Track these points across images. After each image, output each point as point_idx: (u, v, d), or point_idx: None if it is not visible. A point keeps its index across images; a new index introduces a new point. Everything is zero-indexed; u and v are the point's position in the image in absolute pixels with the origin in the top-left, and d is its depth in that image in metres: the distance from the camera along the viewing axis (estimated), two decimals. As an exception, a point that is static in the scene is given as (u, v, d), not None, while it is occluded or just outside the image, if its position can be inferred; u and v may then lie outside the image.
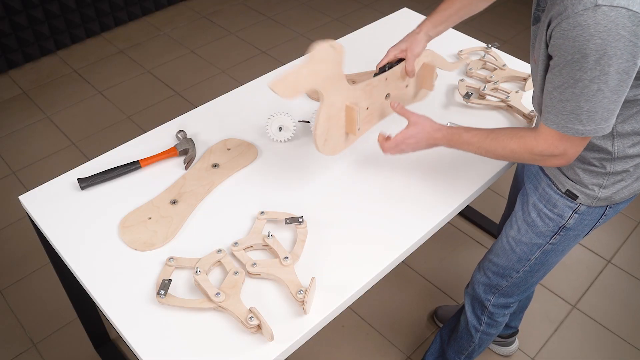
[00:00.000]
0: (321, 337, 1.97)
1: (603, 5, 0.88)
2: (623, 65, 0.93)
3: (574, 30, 0.92)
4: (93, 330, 1.87)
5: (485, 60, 1.86)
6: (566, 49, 0.95)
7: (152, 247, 1.30)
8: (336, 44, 1.23)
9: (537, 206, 1.30)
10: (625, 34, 0.89)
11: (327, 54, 1.22)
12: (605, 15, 0.88)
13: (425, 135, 1.29)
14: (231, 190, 1.44)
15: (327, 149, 1.36)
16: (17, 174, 2.63)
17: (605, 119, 1.00)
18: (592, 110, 0.99)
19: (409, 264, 2.23)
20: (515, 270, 1.41)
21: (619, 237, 2.35)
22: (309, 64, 1.20)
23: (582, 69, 0.95)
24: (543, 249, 1.34)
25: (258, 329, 1.12)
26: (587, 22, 0.90)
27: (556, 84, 1.01)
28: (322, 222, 1.35)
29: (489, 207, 2.45)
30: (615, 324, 2.05)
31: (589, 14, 0.89)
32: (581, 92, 0.97)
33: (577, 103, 0.99)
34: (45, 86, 3.17)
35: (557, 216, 1.27)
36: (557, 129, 1.05)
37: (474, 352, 1.66)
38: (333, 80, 1.26)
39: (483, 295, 1.52)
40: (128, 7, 3.64)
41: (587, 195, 1.20)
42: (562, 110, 1.02)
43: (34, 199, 1.42)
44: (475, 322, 1.58)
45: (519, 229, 1.36)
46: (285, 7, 3.89)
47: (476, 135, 1.22)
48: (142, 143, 1.59)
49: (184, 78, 3.23)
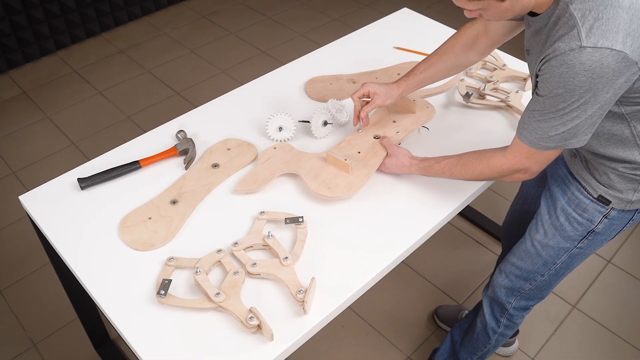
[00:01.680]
0: (321, 337, 1.97)
1: (588, 47, 0.94)
2: (603, 97, 0.99)
3: (560, 67, 0.98)
4: (93, 330, 1.87)
5: (485, 60, 1.86)
6: (553, 84, 1.01)
7: (152, 247, 1.30)
8: (277, 145, 1.52)
9: (566, 210, 1.30)
10: (609, 72, 0.95)
11: (271, 151, 1.50)
12: (590, 56, 0.94)
13: (400, 166, 1.42)
14: (231, 190, 1.44)
15: (339, 193, 1.38)
16: (17, 174, 2.63)
17: (575, 136, 1.07)
18: (566, 132, 1.06)
19: (409, 264, 2.23)
20: (540, 273, 1.41)
21: (619, 237, 2.35)
22: (259, 162, 1.47)
23: (565, 101, 1.01)
24: (570, 252, 1.34)
25: (258, 329, 1.12)
26: (572, 62, 0.96)
27: (538, 108, 1.08)
28: (322, 222, 1.35)
29: (489, 207, 2.45)
30: (615, 324, 2.05)
31: (574, 54, 0.95)
32: (560, 118, 1.04)
33: (554, 125, 1.06)
34: (45, 86, 3.17)
35: (586, 221, 1.27)
36: (529, 144, 1.13)
37: (487, 353, 1.66)
38: (296, 159, 1.47)
39: (504, 298, 1.51)
40: (128, 7, 3.64)
41: (621, 199, 1.21)
42: (536, 129, 1.10)
43: (34, 199, 1.42)
44: (494, 324, 1.57)
45: (545, 232, 1.35)
46: (285, 7, 3.89)
47: (447, 164, 1.32)
48: (142, 143, 1.59)
49: (184, 78, 3.23)
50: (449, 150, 1.53)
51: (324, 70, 1.87)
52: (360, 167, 1.44)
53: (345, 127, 1.63)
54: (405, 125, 1.56)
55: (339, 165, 1.43)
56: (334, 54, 1.95)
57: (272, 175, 1.43)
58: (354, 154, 1.48)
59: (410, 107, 1.60)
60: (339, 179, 1.42)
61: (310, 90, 1.77)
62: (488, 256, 2.27)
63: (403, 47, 1.97)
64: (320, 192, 1.38)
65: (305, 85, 1.79)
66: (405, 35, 2.02)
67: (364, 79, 1.82)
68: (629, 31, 0.94)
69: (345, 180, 1.41)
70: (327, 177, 1.42)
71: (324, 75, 1.84)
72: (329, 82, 1.80)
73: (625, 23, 0.94)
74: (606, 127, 1.13)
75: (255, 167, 1.46)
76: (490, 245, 2.31)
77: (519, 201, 1.73)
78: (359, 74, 1.84)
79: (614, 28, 0.93)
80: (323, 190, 1.38)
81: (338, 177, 1.42)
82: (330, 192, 1.38)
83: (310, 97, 1.75)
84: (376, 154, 1.47)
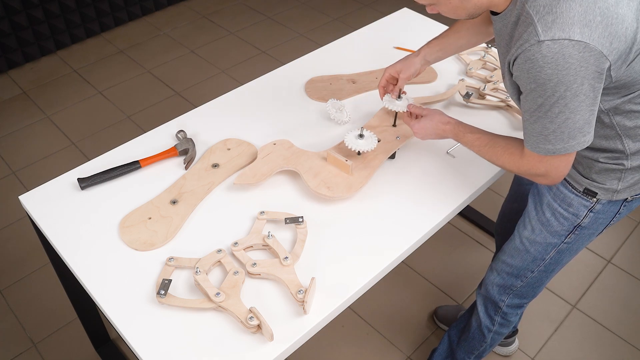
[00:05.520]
0: (321, 337, 1.97)
1: (546, 40, 0.97)
2: (579, 89, 1.00)
3: (525, 64, 1.01)
4: (93, 330, 1.87)
5: (485, 60, 1.86)
6: (524, 79, 1.04)
7: (152, 247, 1.30)
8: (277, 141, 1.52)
9: (552, 205, 1.31)
10: (574, 62, 0.97)
11: (271, 147, 1.50)
12: (549, 49, 0.97)
13: (434, 125, 1.36)
14: (231, 190, 1.44)
15: (338, 193, 1.38)
16: (17, 174, 2.63)
17: (573, 137, 1.06)
18: (557, 130, 1.06)
19: (409, 264, 2.23)
20: (530, 270, 1.42)
21: (619, 237, 2.35)
22: (259, 157, 1.47)
23: (541, 95, 1.02)
24: (558, 248, 1.35)
25: (258, 329, 1.12)
26: (535, 56, 0.99)
27: (525, 108, 1.10)
28: (322, 222, 1.35)
29: (489, 207, 2.45)
30: (615, 324, 2.05)
31: (535, 48, 0.98)
32: (545, 115, 1.05)
33: (543, 124, 1.07)
34: (45, 86, 3.17)
35: (572, 215, 1.28)
36: (531, 149, 1.13)
37: (484, 351, 1.67)
38: (296, 156, 1.47)
39: (497, 296, 1.52)
40: (128, 7, 3.64)
41: (607, 190, 1.22)
42: (532, 132, 1.10)
43: (34, 199, 1.42)
44: (488, 322, 1.58)
45: (532, 229, 1.36)
46: (285, 7, 3.89)
47: (478, 139, 1.28)
48: (142, 143, 1.59)
49: (184, 78, 3.23)
50: (448, 149, 1.53)
51: (324, 70, 1.87)
52: (361, 168, 1.44)
53: (345, 127, 1.63)
54: (405, 130, 1.56)
55: (339, 165, 1.43)
56: (334, 54, 1.95)
57: (271, 171, 1.43)
58: (354, 154, 1.48)
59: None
60: (339, 179, 1.41)
61: (310, 90, 1.77)
62: (488, 256, 2.27)
63: (403, 47, 1.97)
64: (320, 191, 1.38)
65: (305, 85, 1.79)
66: (405, 35, 2.03)
67: (364, 79, 1.82)
68: (585, 22, 0.96)
69: (345, 181, 1.41)
70: (327, 176, 1.42)
71: (324, 75, 1.84)
72: (329, 82, 1.80)
73: (579, 15, 0.96)
74: None
75: (254, 162, 1.46)
76: (490, 244, 2.31)
77: (509, 199, 1.74)
78: (359, 74, 1.84)
79: (569, 20, 0.96)
80: (322, 190, 1.38)
81: (338, 177, 1.42)
82: (329, 192, 1.38)
83: (310, 97, 1.75)
84: (377, 156, 1.47)
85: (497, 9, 1.10)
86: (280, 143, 1.51)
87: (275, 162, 1.46)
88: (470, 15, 1.12)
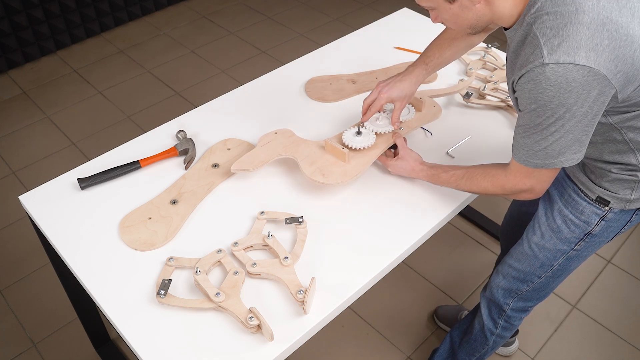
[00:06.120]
0: (321, 337, 1.97)
1: (550, 63, 0.97)
2: (579, 110, 1.00)
3: (528, 84, 1.02)
4: (93, 330, 1.87)
5: (485, 60, 1.86)
6: (526, 99, 1.04)
7: (152, 247, 1.30)
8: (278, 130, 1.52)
9: (563, 212, 1.30)
10: (577, 86, 0.97)
11: (272, 135, 1.51)
12: (553, 72, 0.97)
13: (409, 170, 1.43)
14: (231, 190, 1.44)
15: (333, 180, 1.37)
16: (17, 174, 2.63)
17: (563, 153, 1.08)
18: (549, 147, 1.07)
19: (409, 264, 2.23)
20: (537, 275, 1.41)
21: (619, 237, 2.35)
22: (259, 144, 1.48)
23: (540, 116, 1.04)
24: (567, 255, 1.34)
25: (258, 329, 1.12)
26: (538, 78, 0.99)
27: (520, 123, 1.11)
28: (322, 222, 1.35)
29: (489, 207, 2.45)
30: (615, 324, 2.05)
31: (539, 70, 0.99)
32: (540, 132, 1.06)
33: (536, 140, 1.08)
34: (45, 86, 3.17)
35: (583, 223, 1.27)
36: (520, 162, 1.14)
37: (486, 354, 1.66)
38: (295, 145, 1.48)
39: (502, 300, 1.51)
40: (128, 7, 3.64)
41: (620, 199, 1.21)
42: (523, 145, 1.12)
43: (33, 199, 1.42)
44: (491, 325, 1.57)
45: (542, 234, 1.35)
46: (285, 7, 3.89)
47: (453, 175, 1.33)
48: (142, 143, 1.59)
49: (184, 78, 3.23)
50: (448, 149, 1.53)
51: (324, 70, 1.87)
52: (359, 157, 1.43)
53: (348, 121, 1.63)
54: (410, 122, 1.55)
55: (336, 153, 1.43)
56: (334, 54, 1.95)
57: (269, 158, 1.43)
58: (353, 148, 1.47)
59: (418, 105, 1.60)
60: (335, 167, 1.41)
61: (310, 90, 1.77)
62: (488, 256, 2.27)
63: (403, 47, 1.97)
64: (314, 178, 1.37)
65: (305, 85, 1.79)
66: (405, 35, 2.03)
67: (364, 79, 1.82)
68: (592, 46, 0.96)
69: (341, 169, 1.40)
70: (324, 164, 1.42)
71: (324, 75, 1.84)
72: (329, 82, 1.80)
73: (586, 39, 0.96)
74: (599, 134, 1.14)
75: (254, 149, 1.47)
76: (490, 245, 2.31)
77: (517, 202, 1.73)
78: (359, 74, 1.84)
79: (575, 44, 0.96)
80: (317, 177, 1.38)
81: (334, 165, 1.41)
82: (324, 179, 1.37)
83: (310, 97, 1.75)
84: (376, 146, 1.46)
85: (504, 24, 1.10)
86: (281, 132, 1.51)
87: (275, 149, 1.46)
88: (473, 27, 1.12)
